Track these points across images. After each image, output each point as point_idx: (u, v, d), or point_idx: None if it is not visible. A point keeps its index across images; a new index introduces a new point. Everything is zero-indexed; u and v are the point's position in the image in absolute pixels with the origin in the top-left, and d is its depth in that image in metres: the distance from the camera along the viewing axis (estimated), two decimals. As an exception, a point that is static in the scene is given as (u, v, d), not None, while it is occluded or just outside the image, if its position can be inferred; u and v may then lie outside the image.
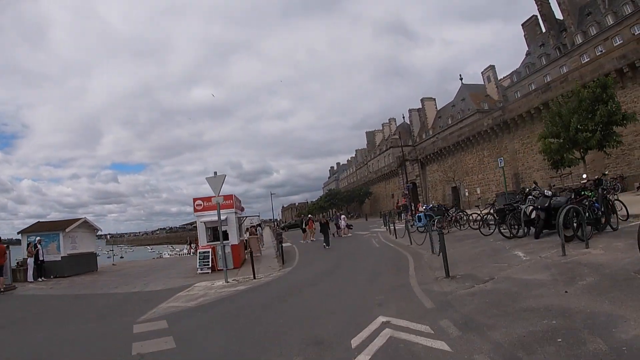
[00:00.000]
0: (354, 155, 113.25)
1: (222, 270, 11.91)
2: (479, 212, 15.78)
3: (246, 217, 21.93)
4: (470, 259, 8.94)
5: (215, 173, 13.11)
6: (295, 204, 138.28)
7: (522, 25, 64.08)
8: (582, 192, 9.33)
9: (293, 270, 12.45)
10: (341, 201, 68.18)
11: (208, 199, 15.19)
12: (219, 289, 9.86)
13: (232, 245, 15.08)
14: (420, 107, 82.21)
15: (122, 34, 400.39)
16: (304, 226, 24.52)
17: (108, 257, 33.97)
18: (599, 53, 36.64)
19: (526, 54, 61.13)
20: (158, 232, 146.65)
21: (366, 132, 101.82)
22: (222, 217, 13.03)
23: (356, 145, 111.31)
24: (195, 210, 15.50)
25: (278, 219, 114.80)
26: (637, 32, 36.63)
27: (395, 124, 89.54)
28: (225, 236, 14.49)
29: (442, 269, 7.40)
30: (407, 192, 27.81)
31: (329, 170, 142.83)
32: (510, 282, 6.08)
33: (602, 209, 8.86)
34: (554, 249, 7.75)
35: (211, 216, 14.30)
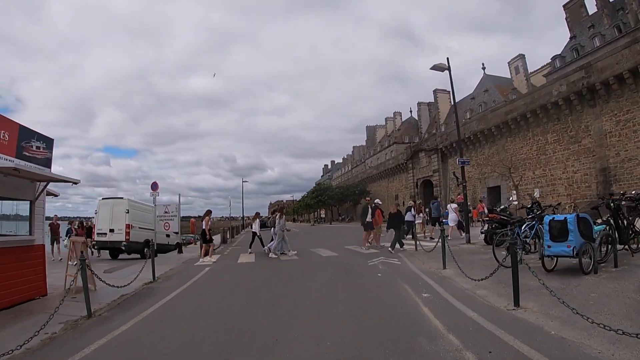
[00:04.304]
0: (350, 153, 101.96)
1: None
2: None
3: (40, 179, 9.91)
4: None
5: None
6: (283, 201, 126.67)
7: (564, 6, 54.06)
8: None
9: None
10: (331, 199, 56.47)
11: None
12: None
13: None
14: (425, 102, 71.67)
15: (120, 13, 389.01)
16: (370, 218, 12.81)
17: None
18: None
19: (570, 38, 51.17)
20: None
21: (366, 127, 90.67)
22: None
23: (352, 149, 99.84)
24: None
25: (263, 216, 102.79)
26: None
27: (401, 118, 78.59)
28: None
29: None
30: (459, 178, 14.53)
31: (323, 168, 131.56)
32: None
33: None
34: None
35: None
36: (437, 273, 7.67)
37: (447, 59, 12.63)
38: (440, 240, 8.40)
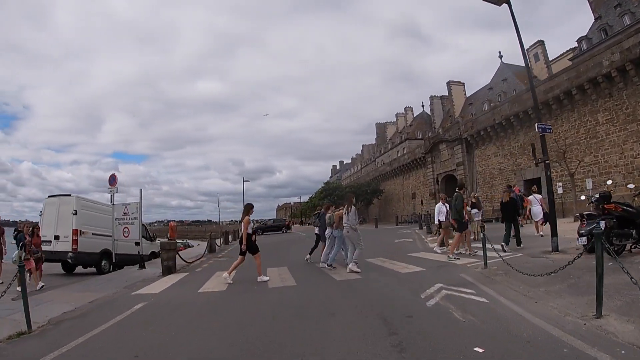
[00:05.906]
0: (359, 153, 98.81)
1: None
2: None
3: None
4: None
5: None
6: (290, 203, 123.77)
7: (586, -14, 50.44)
8: None
9: None
10: (341, 199, 53.09)
11: None
12: None
13: None
14: (438, 96, 67.99)
15: (126, 19, 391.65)
16: (460, 217, 9.38)
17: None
18: None
19: (595, 19, 47.57)
20: (156, 224, 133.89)
21: (376, 124, 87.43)
22: None
23: (360, 150, 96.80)
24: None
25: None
26: None
27: (413, 114, 75.19)
28: None
29: None
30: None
31: (331, 169, 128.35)
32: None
33: None
34: None
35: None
36: (607, 336, 3.38)
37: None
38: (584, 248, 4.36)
